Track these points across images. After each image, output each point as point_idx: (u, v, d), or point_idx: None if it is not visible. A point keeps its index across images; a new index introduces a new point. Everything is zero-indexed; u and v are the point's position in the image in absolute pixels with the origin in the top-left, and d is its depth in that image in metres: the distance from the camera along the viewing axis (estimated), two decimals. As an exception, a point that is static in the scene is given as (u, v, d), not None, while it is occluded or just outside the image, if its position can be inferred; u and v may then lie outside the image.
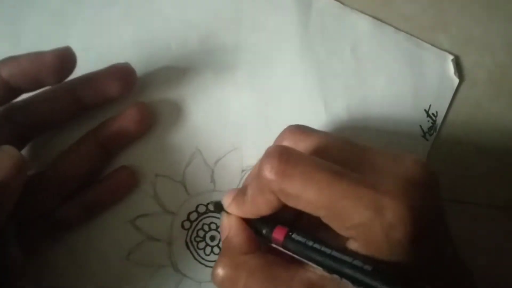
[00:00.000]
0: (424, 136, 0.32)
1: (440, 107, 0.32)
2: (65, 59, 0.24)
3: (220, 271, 0.24)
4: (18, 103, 0.26)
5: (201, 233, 0.31)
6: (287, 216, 0.25)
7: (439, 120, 0.32)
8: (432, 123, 0.32)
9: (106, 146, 0.28)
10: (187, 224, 0.30)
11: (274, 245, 0.24)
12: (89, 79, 0.27)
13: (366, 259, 0.21)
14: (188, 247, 0.30)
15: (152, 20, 0.30)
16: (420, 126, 0.32)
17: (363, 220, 0.20)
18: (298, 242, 0.23)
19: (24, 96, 0.26)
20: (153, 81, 0.30)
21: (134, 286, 0.30)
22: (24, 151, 0.28)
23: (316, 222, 0.22)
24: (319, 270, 0.22)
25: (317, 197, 0.21)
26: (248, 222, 0.25)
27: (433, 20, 0.32)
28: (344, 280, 0.21)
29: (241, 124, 0.31)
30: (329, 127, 0.31)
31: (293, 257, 0.23)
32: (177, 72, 0.30)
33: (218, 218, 0.31)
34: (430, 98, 0.32)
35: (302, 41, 0.31)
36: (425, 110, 0.32)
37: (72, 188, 0.28)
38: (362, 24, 0.32)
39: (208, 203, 0.31)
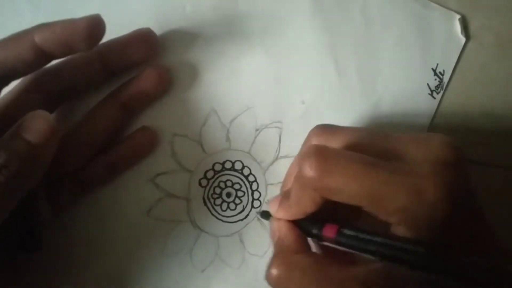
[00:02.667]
0: (431, 94, 0.34)
1: (447, 66, 0.34)
2: (95, 26, 0.25)
3: (274, 271, 0.25)
4: (48, 69, 0.27)
5: (218, 190, 0.33)
6: (326, 210, 0.26)
7: (446, 78, 0.34)
8: (439, 81, 0.34)
9: (127, 106, 0.30)
10: (204, 182, 0.33)
11: (326, 243, 0.26)
12: (116, 44, 0.28)
13: (415, 243, 0.22)
14: (205, 204, 0.33)
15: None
16: (428, 84, 0.34)
17: (405, 203, 0.22)
18: (350, 236, 0.24)
19: (53, 62, 0.27)
20: (169, 44, 0.31)
21: (154, 240, 0.32)
22: (52, 116, 0.30)
23: (353, 211, 0.24)
24: (370, 265, 0.23)
25: (359, 188, 0.22)
26: (297, 224, 0.27)
27: (441, -18, 0.34)
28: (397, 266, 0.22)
29: (255, 84, 0.32)
30: (339, 87, 0.33)
31: (343, 253, 0.25)
32: (191, 34, 0.31)
33: (234, 175, 0.33)
34: (437, 57, 0.34)
35: (312, 2, 0.32)
36: (432, 68, 0.34)
37: (97, 148, 0.29)
38: (371, -16, 0.33)
39: (224, 161, 0.33)
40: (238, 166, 0.33)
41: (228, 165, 0.33)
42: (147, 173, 0.32)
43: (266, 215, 0.29)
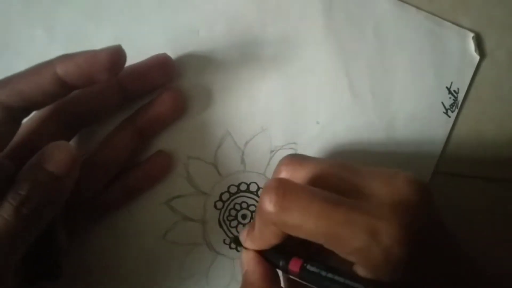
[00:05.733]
0: (446, 112, 0.35)
1: (462, 84, 0.35)
2: (117, 57, 0.26)
3: None
4: (68, 97, 0.28)
5: (233, 212, 0.34)
6: (298, 242, 0.27)
7: (461, 97, 0.35)
8: (453, 100, 0.35)
9: (143, 131, 0.31)
10: (219, 204, 0.34)
11: (291, 277, 0.27)
12: (135, 71, 0.30)
13: (376, 285, 0.23)
14: (221, 226, 0.34)
15: (181, 8, 0.32)
16: (442, 103, 0.35)
17: (361, 245, 0.22)
18: (313, 272, 0.25)
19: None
20: (183, 68, 0.32)
21: (171, 264, 0.33)
22: (71, 141, 0.31)
23: (326, 249, 0.24)
24: None
25: (315, 226, 0.23)
26: (266, 256, 0.28)
27: (454, 1, 0.35)
28: None
29: (269, 106, 0.34)
30: (353, 107, 0.34)
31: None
32: (206, 58, 0.33)
33: (249, 197, 0.34)
34: (451, 75, 0.35)
35: (325, 22, 0.34)
36: (446, 87, 0.35)
37: (114, 173, 0.31)
38: (384, 4, 0.34)
39: (239, 184, 0.34)
40: (253, 188, 0.34)
41: (243, 187, 0.34)
42: (162, 196, 0.33)
43: (237, 242, 0.30)
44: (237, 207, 0.34)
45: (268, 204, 0.23)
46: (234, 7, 0.33)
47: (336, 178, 0.26)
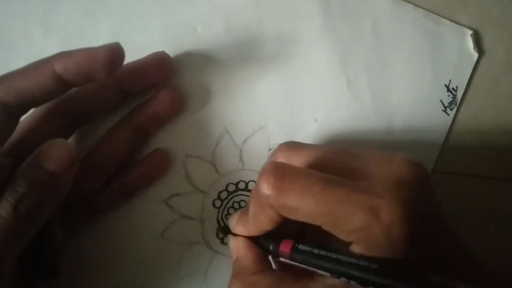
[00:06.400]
0: (445, 110, 0.35)
1: (460, 82, 0.35)
2: (115, 54, 0.26)
3: None
4: (66, 95, 0.28)
5: (232, 211, 0.34)
6: (292, 230, 0.27)
7: (459, 94, 0.36)
8: (452, 97, 0.35)
9: (141, 129, 0.31)
10: (218, 203, 0.34)
11: (282, 259, 0.27)
12: (133, 69, 0.30)
13: (370, 259, 0.23)
14: (219, 225, 0.34)
15: (179, 5, 0.32)
16: (441, 101, 0.35)
17: (361, 224, 0.22)
18: (305, 252, 0.25)
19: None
20: (181, 65, 0.33)
21: (168, 262, 0.33)
22: (70, 139, 0.31)
23: (322, 232, 0.24)
24: (329, 280, 0.24)
25: (315, 207, 0.23)
26: (255, 241, 0.28)
27: (452, -2, 0.35)
28: (353, 283, 0.23)
29: (267, 104, 0.34)
30: (351, 105, 0.34)
31: (304, 271, 0.25)
32: (203, 55, 0.33)
33: (247, 196, 0.34)
34: (450, 73, 0.35)
35: (323, 20, 0.34)
36: (445, 85, 0.35)
37: (112, 171, 0.31)
38: (381, 1, 0.34)
39: (237, 182, 0.34)
40: (252, 186, 0.34)
41: (241, 185, 0.34)
42: (161, 194, 0.33)
43: (225, 231, 0.30)
44: (236, 205, 0.34)
45: (266, 187, 0.24)
46: (232, 4, 0.33)
47: (334, 162, 0.26)
